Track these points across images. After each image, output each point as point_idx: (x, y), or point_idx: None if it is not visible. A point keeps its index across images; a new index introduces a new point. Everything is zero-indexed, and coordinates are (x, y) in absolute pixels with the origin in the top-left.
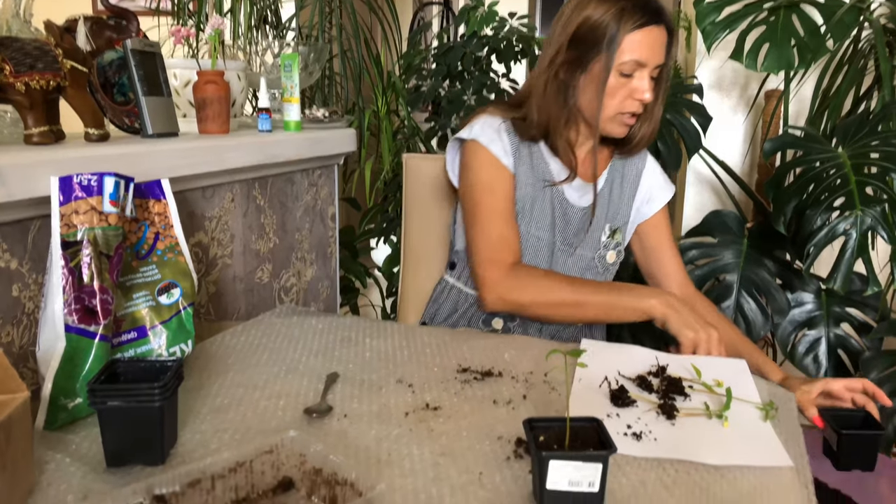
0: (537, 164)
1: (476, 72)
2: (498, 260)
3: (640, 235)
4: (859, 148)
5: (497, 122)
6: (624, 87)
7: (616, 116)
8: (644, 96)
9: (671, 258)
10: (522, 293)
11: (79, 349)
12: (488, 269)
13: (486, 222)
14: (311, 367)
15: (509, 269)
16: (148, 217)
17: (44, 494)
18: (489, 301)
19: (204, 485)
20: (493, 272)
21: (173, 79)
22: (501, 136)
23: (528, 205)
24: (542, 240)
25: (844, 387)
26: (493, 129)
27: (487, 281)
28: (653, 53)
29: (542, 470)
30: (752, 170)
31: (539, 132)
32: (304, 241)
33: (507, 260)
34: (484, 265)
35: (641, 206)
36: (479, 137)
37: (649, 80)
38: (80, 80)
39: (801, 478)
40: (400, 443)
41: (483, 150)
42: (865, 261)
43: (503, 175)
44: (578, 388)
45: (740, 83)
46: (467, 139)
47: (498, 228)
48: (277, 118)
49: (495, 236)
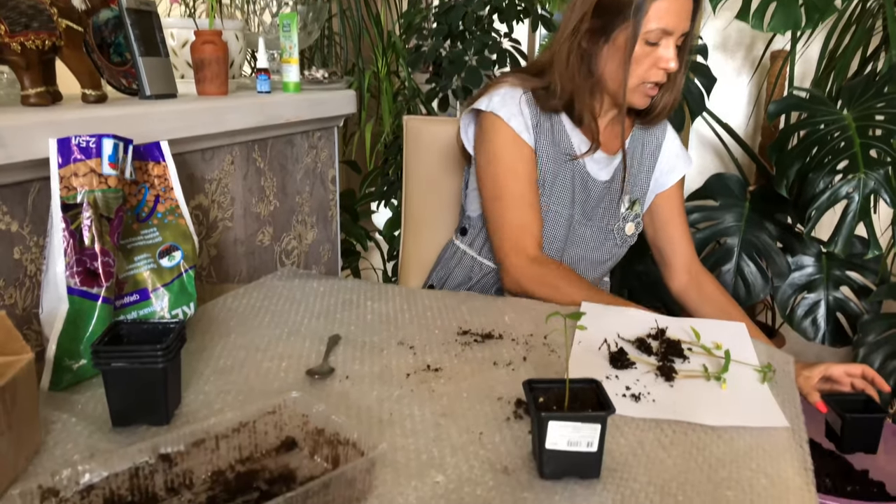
0: (559, 137)
1: (478, 31)
2: (521, 248)
3: (652, 208)
4: (865, 110)
5: (518, 94)
6: (649, 56)
7: (639, 86)
8: (669, 65)
9: (681, 234)
10: (539, 288)
11: (82, 311)
12: (511, 256)
13: (511, 207)
14: (312, 330)
15: (532, 261)
16: (147, 179)
17: (50, 454)
18: (507, 284)
19: (208, 444)
20: (515, 259)
21: (170, 39)
22: (522, 109)
23: (549, 179)
24: (561, 214)
25: (844, 372)
26: (514, 101)
27: (509, 267)
28: (679, 21)
29: (541, 430)
30: (755, 132)
31: (562, 103)
32: (304, 204)
33: (529, 248)
34: (507, 251)
35: (660, 177)
36: (500, 111)
37: (674, 49)
38: (75, 40)
39: (796, 438)
40: (401, 403)
41: (503, 125)
42: (867, 224)
43: (525, 154)
44: (578, 350)
45: (745, 44)
46: (486, 111)
47: (522, 214)
48: (276, 79)
49: (519, 222)
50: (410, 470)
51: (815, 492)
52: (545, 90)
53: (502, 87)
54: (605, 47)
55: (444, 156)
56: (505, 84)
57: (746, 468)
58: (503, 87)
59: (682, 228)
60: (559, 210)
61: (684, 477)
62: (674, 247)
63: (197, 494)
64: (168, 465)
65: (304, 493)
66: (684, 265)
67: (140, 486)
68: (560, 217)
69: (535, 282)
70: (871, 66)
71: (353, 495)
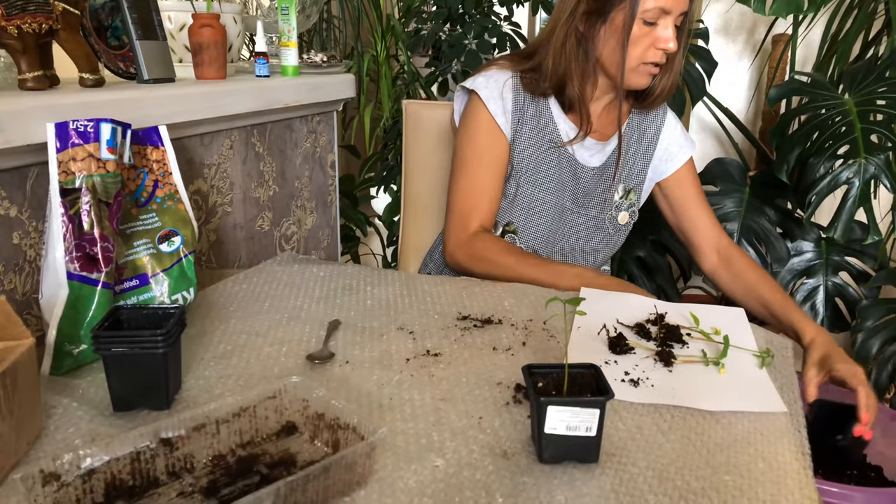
0: (544, 124)
1: (478, 15)
2: (464, 225)
3: (664, 192)
4: (866, 95)
5: (504, 77)
6: (647, 35)
7: (639, 67)
8: (669, 45)
9: (701, 212)
10: (475, 263)
11: (81, 296)
12: (453, 231)
13: (465, 189)
14: (312, 315)
15: (471, 237)
16: (146, 164)
17: (52, 438)
18: (447, 260)
19: (209, 429)
20: (456, 235)
21: (168, 22)
22: (504, 94)
23: (531, 167)
24: (546, 202)
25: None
26: (497, 84)
27: (449, 242)
28: (677, 0)
29: (540, 415)
30: (756, 117)
31: (552, 85)
32: (303, 189)
33: (471, 226)
34: (451, 224)
35: (660, 165)
36: (481, 90)
37: (673, 29)
38: (72, 23)
39: (794, 422)
40: (401, 388)
41: (482, 108)
42: (867, 209)
43: (497, 142)
44: (577, 336)
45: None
46: (469, 88)
47: (473, 198)
48: (275, 63)
49: (467, 205)
50: (410, 454)
51: (812, 476)
52: (535, 72)
53: (491, 69)
54: (603, 28)
55: (443, 140)
56: (495, 66)
57: (744, 453)
58: (492, 69)
59: (702, 208)
60: (544, 197)
61: (683, 461)
62: (696, 229)
63: (198, 478)
64: (169, 450)
65: (304, 477)
66: (712, 245)
67: (141, 470)
68: (545, 204)
69: (470, 257)
70: (872, 50)
71: (353, 479)
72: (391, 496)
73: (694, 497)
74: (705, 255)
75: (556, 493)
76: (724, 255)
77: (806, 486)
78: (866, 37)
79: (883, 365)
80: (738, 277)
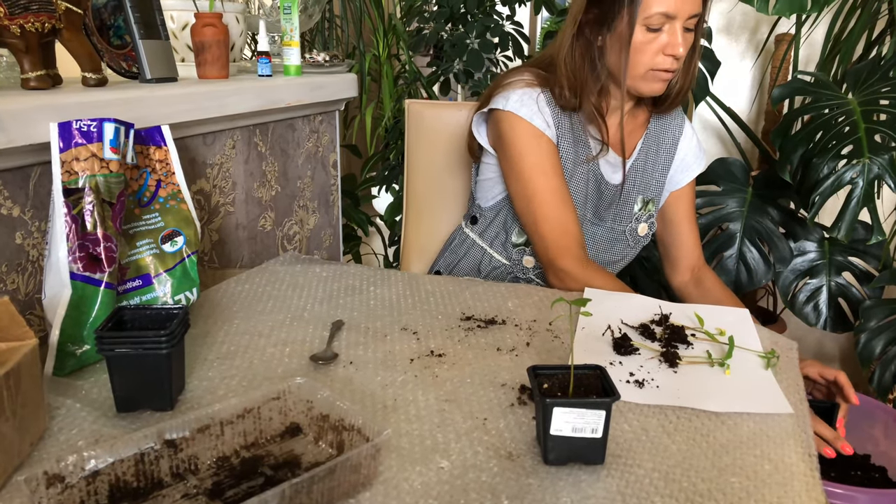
0: (579, 137)
1: (480, 14)
2: (566, 250)
3: (664, 205)
4: (869, 94)
5: (535, 94)
6: (653, 42)
7: (648, 73)
8: (677, 51)
9: (690, 231)
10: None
11: (84, 296)
12: (558, 260)
13: (545, 204)
14: (316, 315)
15: (582, 265)
16: (149, 164)
17: (55, 439)
18: (556, 285)
19: (213, 430)
20: (563, 264)
21: (170, 21)
22: (541, 108)
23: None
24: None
25: (819, 373)
26: (532, 100)
27: (559, 272)
28: (683, 4)
29: (545, 416)
30: (758, 117)
31: (574, 101)
32: (306, 189)
33: (574, 249)
34: (552, 254)
35: (675, 175)
36: (519, 111)
37: (682, 33)
38: (75, 22)
39: (800, 424)
40: (405, 389)
41: (524, 123)
42: (870, 210)
43: (550, 149)
44: (582, 336)
45: (750, 27)
46: (503, 110)
47: (557, 211)
48: (277, 62)
49: (556, 221)
50: (415, 456)
51: (819, 477)
52: (560, 87)
53: (518, 87)
54: (608, 37)
55: (445, 140)
56: (520, 83)
57: (750, 454)
58: (519, 87)
59: (692, 227)
60: None
61: (688, 463)
62: (680, 247)
63: (202, 480)
64: (173, 451)
65: (309, 478)
66: (689, 265)
67: (145, 471)
68: None
69: (584, 285)
70: (876, 50)
71: (358, 481)
72: (396, 498)
73: (700, 499)
74: (679, 272)
75: (562, 495)
76: (697, 275)
77: (813, 488)
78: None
79: (886, 365)
80: (706, 296)
